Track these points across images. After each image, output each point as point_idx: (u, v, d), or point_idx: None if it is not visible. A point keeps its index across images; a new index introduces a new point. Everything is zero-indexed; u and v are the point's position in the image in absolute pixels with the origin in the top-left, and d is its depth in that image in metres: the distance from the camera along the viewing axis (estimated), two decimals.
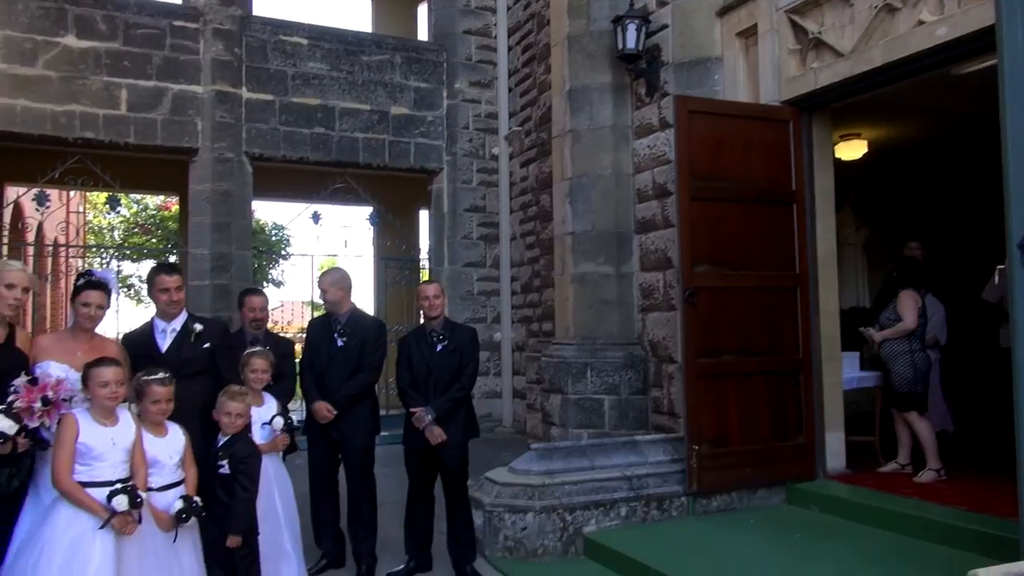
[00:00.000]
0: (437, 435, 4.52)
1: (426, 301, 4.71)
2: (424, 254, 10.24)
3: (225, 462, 3.77)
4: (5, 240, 8.96)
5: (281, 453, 4.34)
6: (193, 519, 3.51)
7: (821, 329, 5.61)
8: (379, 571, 4.69)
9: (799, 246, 5.57)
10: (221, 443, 3.84)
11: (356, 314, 4.89)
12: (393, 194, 10.68)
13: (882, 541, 4.59)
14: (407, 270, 10.22)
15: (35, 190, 8.42)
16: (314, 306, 12.12)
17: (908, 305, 5.76)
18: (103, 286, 3.78)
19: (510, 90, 9.69)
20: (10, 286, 3.53)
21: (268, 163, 9.27)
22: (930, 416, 5.88)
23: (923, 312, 5.82)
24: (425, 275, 10.09)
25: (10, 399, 3.31)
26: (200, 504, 3.51)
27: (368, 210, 9.86)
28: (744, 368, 5.37)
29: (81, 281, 3.75)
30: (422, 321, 4.89)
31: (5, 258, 3.99)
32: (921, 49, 4.66)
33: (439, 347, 4.65)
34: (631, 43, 6.43)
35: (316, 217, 9.23)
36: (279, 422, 4.21)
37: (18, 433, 3.27)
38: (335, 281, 4.84)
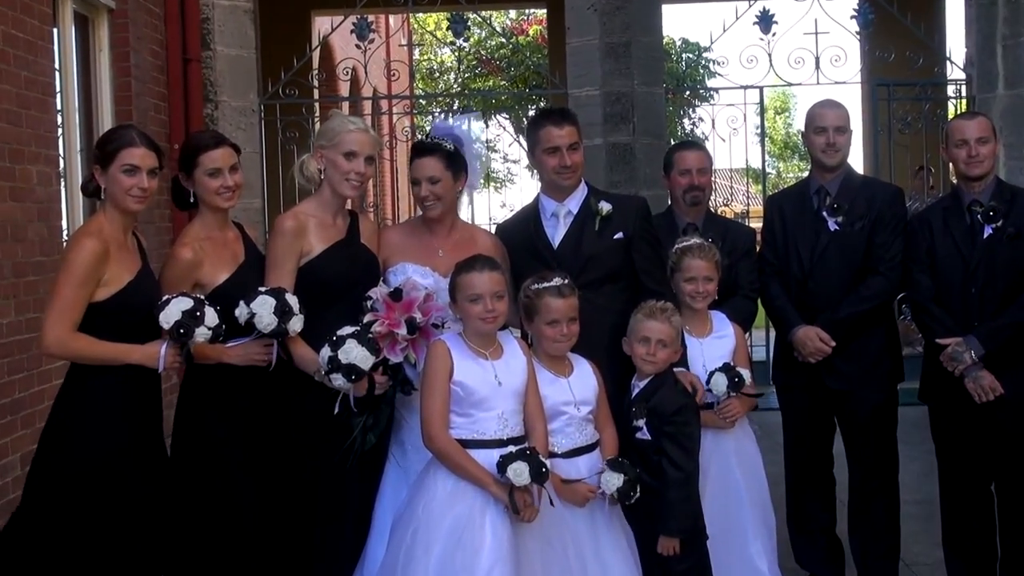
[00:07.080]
0: (987, 386, 4.49)
1: (963, 148, 4.59)
2: (957, 71, 9.74)
3: (643, 420, 4.04)
4: (316, 94, 10.32)
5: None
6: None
7: None
8: None
9: None
10: (636, 391, 4.13)
11: (854, 178, 4.94)
12: None
13: None
14: (926, 102, 9.90)
15: (352, 19, 9.51)
16: (763, 179, 12.26)
17: None
18: (440, 150, 4.19)
19: None
20: (350, 154, 4.09)
21: None
22: None
23: None
24: (960, 108, 9.59)
25: (367, 319, 3.87)
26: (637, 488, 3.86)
27: (852, 2, 9.57)
28: None
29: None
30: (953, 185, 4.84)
31: (336, 113, 4.51)
32: None
33: (987, 230, 4.59)
34: None
35: (766, 19, 9.22)
36: (720, 382, 4.33)
37: (375, 367, 3.83)
38: (845, 119, 4.86)
